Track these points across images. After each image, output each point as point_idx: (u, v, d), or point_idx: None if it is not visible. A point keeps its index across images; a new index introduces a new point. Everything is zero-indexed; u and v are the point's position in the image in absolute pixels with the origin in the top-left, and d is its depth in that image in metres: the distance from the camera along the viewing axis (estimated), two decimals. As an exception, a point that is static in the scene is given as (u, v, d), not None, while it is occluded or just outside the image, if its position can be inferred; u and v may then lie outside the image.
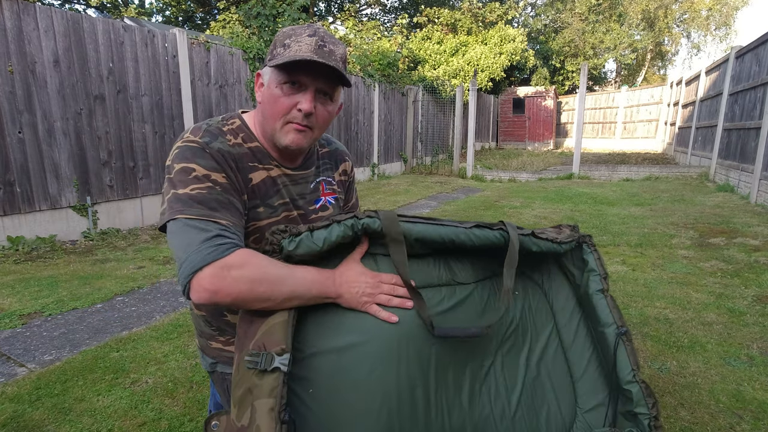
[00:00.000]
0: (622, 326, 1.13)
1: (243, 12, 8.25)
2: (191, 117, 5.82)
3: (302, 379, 0.87)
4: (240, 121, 1.04)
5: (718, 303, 3.18)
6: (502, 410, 1.06)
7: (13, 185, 4.22)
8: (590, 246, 1.20)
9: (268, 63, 0.97)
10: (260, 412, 0.76)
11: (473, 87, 10.54)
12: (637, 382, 1.10)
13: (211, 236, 0.85)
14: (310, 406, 0.86)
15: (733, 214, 5.96)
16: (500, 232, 1.02)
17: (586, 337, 1.20)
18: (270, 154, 1.04)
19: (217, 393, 1.28)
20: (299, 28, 0.96)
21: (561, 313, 1.21)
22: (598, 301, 1.16)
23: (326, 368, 0.89)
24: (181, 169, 0.91)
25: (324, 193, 1.15)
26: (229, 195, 0.93)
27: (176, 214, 0.87)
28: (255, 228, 1.02)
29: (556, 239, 1.10)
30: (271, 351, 0.81)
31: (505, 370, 1.10)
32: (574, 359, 1.18)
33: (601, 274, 1.17)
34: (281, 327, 0.84)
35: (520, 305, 1.16)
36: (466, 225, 0.99)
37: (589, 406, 1.15)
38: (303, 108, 0.95)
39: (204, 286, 0.82)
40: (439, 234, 0.96)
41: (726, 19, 22.47)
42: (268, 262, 0.86)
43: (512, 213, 6.37)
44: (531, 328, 1.16)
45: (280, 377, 0.79)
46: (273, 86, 0.95)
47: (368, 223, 0.92)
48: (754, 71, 7.48)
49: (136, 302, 3.21)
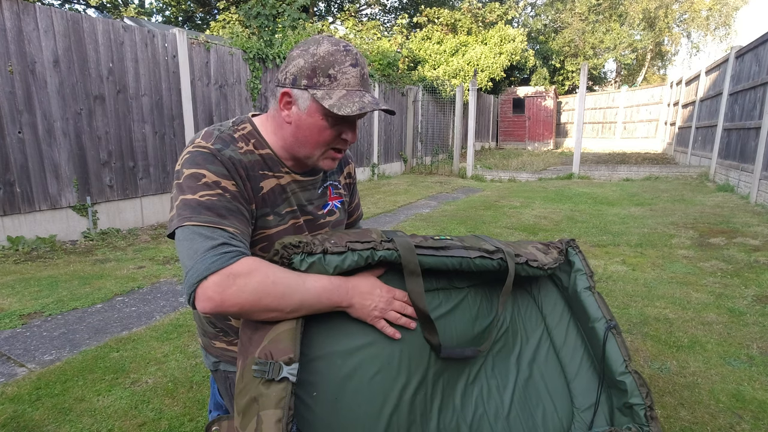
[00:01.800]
0: (611, 320, 1.17)
1: (243, 12, 8.25)
2: (191, 117, 5.82)
3: (306, 383, 0.87)
4: (251, 126, 1.03)
5: (718, 303, 3.18)
6: (495, 410, 1.07)
7: (13, 185, 4.22)
8: (575, 248, 1.27)
9: (320, 100, 0.92)
10: (267, 423, 0.75)
11: (473, 87, 10.54)
12: (629, 373, 1.12)
13: (217, 244, 0.83)
14: (314, 410, 0.86)
15: (733, 214, 5.96)
16: (499, 262, 1.07)
17: (577, 337, 1.23)
18: (281, 161, 1.03)
19: (218, 392, 1.27)
20: (338, 53, 0.93)
21: (550, 315, 1.25)
22: (587, 298, 1.21)
23: (331, 372, 0.89)
24: (190, 174, 0.90)
25: (331, 197, 1.16)
26: (238, 203, 0.92)
27: (184, 221, 0.86)
28: (263, 236, 1.02)
29: (544, 266, 1.17)
30: (278, 360, 0.79)
31: (496, 371, 1.12)
32: (567, 360, 1.21)
33: (588, 273, 1.23)
34: (289, 335, 0.83)
35: (509, 309, 1.19)
36: (471, 255, 1.02)
37: (585, 405, 1.16)
38: (350, 139, 1.00)
39: (209, 294, 0.81)
40: (445, 264, 1.00)
41: (726, 19, 22.47)
42: (276, 270, 0.85)
43: (512, 213, 6.37)
44: (521, 331, 1.20)
45: (288, 387, 0.77)
46: (317, 116, 0.95)
47: (385, 255, 0.93)
48: (754, 71, 7.48)
49: (136, 302, 3.21)
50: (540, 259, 1.17)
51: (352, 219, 1.34)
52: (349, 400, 0.89)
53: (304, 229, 1.09)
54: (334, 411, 0.88)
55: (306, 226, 1.09)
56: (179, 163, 0.94)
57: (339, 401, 0.88)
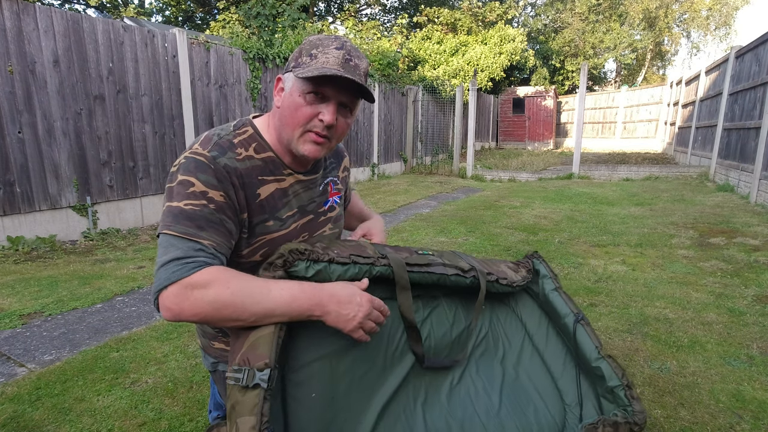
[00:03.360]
0: (578, 313, 1.27)
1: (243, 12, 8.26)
2: (191, 117, 5.82)
3: (305, 385, 0.89)
4: (252, 128, 1.02)
5: (718, 303, 3.18)
6: (486, 409, 1.12)
7: (13, 185, 4.22)
8: (539, 259, 1.39)
9: (293, 71, 0.95)
10: (242, 429, 0.77)
11: (473, 87, 10.54)
12: (603, 358, 1.20)
13: (182, 255, 0.84)
14: (313, 410, 0.89)
15: (732, 213, 5.96)
16: (472, 280, 1.17)
17: (557, 339, 1.32)
18: (283, 162, 1.03)
19: (218, 393, 1.28)
20: (326, 38, 0.96)
21: (530, 322, 1.35)
22: (555, 298, 1.31)
23: (327, 373, 0.92)
24: (181, 181, 0.90)
25: (331, 193, 1.16)
26: (222, 214, 0.92)
27: (164, 229, 0.87)
28: (264, 242, 1.01)
29: (513, 283, 1.28)
30: (253, 367, 0.81)
31: (481, 374, 1.19)
32: (551, 360, 1.28)
33: (552, 277, 1.35)
34: (266, 340, 0.84)
35: (488, 317, 1.29)
36: (448, 272, 1.12)
37: (574, 401, 1.23)
38: (325, 120, 0.95)
39: (167, 305, 0.82)
40: (426, 280, 1.10)
41: (726, 19, 22.45)
42: (238, 281, 0.85)
43: (512, 213, 6.37)
44: (502, 337, 1.29)
45: (260, 394, 0.79)
46: (296, 94, 0.94)
47: (381, 271, 1.01)
48: (754, 71, 7.48)
49: (136, 302, 3.21)
50: (510, 277, 1.28)
51: (349, 204, 1.38)
52: (342, 399, 0.92)
53: (306, 230, 1.09)
54: (331, 410, 0.90)
55: (308, 226, 1.09)
56: (175, 166, 0.94)
57: (335, 400, 0.91)
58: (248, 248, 1.00)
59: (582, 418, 1.18)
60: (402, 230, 5.41)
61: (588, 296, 3.31)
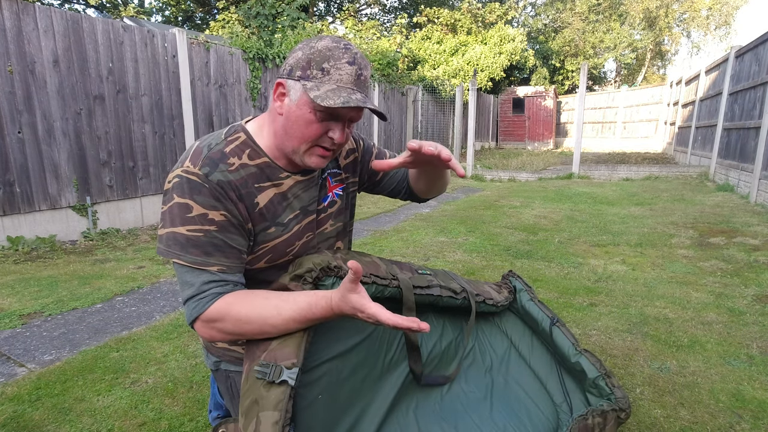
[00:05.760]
0: (553, 316, 1.35)
1: (242, 12, 8.25)
2: (191, 117, 5.82)
3: (313, 386, 0.92)
4: (245, 134, 1.00)
5: (717, 302, 3.18)
6: (479, 413, 1.17)
7: (13, 185, 4.22)
8: (515, 276, 1.50)
9: (302, 83, 0.92)
10: (264, 424, 0.78)
11: (473, 87, 10.54)
12: (580, 353, 1.26)
13: (195, 293, 0.90)
14: (318, 411, 0.91)
15: (732, 213, 5.96)
16: (463, 300, 1.25)
17: (541, 346, 1.39)
18: (279, 165, 1.01)
19: (218, 392, 1.28)
20: (336, 49, 0.92)
21: (514, 334, 1.43)
22: (531, 307, 1.40)
23: (333, 375, 0.95)
24: (178, 204, 0.90)
25: (330, 187, 1.14)
26: (226, 234, 0.93)
27: (173, 258, 0.91)
28: (267, 249, 1.02)
29: (497, 303, 1.37)
30: (281, 364, 0.83)
31: (471, 383, 1.25)
32: (538, 366, 1.36)
33: (527, 289, 1.44)
34: (295, 341, 0.87)
35: (474, 330, 1.37)
36: (443, 294, 1.20)
37: (563, 400, 1.29)
38: (336, 138, 0.95)
39: (201, 334, 0.93)
40: (424, 300, 1.17)
41: (726, 18, 22.46)
42: (247, 308, 0.89)
43: (512, 213, 6.37)
44: (488, 350, 1.36)
45: (287, 391, 0.80)
46: (306, 109, 0.92)
47: (393, 293, 1.07)
48: (754, 71, 7.48)
49: (136, 302, 3.21)
50: (494, 298, 1.37)
51: (384, 157, 1.26)
52: (343, 402, 0.95)
53: (308, 230, 1.08)
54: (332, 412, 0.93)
55: (309, 226, 1.09)
56: (169, 182, 0.93)
57: (337, 403, 0.93)
58: (252, 256, 1.00)
59: (573, 413, 1.24)
60: (402, 230, 5.41)
61: (588, 296, 3.31)
